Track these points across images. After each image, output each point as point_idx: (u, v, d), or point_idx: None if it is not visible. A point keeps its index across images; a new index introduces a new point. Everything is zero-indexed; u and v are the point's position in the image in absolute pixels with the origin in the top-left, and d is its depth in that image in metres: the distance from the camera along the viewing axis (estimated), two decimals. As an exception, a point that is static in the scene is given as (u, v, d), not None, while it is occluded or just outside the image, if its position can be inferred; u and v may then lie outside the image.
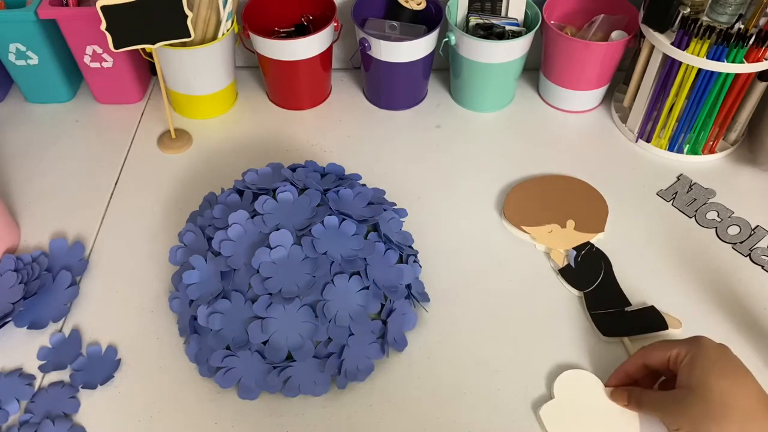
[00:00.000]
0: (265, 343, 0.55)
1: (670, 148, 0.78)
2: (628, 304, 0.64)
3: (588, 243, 0.68)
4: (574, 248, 0.68)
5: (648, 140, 0.79)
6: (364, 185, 0.65)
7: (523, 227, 0.69)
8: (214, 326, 0.56)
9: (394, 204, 0.66)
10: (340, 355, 0.56)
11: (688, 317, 0.63)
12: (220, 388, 0.57)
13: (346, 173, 0.67)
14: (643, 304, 0.64)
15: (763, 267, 0.67)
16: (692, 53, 0.68)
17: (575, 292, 0.65)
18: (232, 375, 0.56)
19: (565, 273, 0.66)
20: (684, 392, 0.49)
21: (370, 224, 0.61)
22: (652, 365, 0.54)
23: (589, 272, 0.66)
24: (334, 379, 0.57)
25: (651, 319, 0.62)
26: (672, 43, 0.69)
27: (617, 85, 0.86)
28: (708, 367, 0.49)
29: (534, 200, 0.72)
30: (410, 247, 0.64)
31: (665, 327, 0.61)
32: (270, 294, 0.55)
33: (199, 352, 0.59)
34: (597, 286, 0.65)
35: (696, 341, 0.52)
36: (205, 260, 0.59)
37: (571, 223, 0.69)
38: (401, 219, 0.65)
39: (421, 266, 0.64)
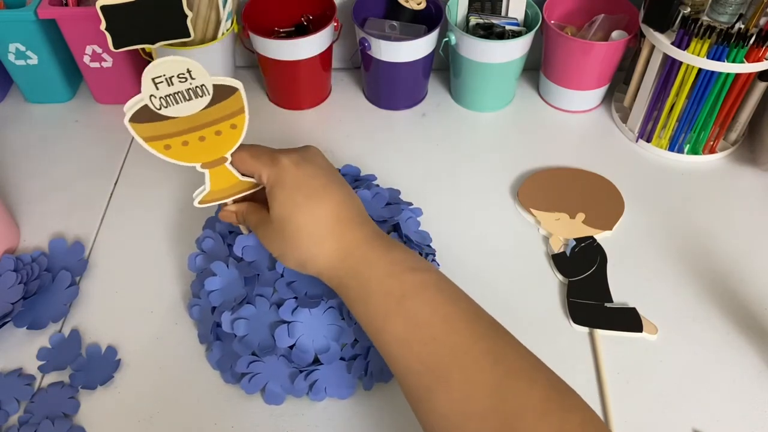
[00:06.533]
0: (291, 347, 0.55)
1: (671, 148, 0.78)
2: (610, 300, 0.64)
3: (590, 237, 0.69)
4: (575, 239, 0.68)
5: (648, 140, 0.79)
6: (379, 186, 0.65)
7: (532, 209, 0.70)
8: (239, 332, 0.56)
9: (411, 203, 0.66)
10: (366, 356, 0.56)
11: (688, 318, 0.63)
12: (229, 389, 0.57)
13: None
14: (624, 304, 0.64)
15: (763, 267, 0.67)
16: (692, 53, 0.68)
17: (561, 278, 0.66)
18: (257, 381, 0.56)
19: (557, 259, 0.67)
20: (269, 222, 0.51)
21: (390, 225, 0.61)
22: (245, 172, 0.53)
23: (581, 263, 0.66)
24: (360, 381, 0.57)
25: (628, 319, 0.62)
26: (672, 43, 0.69)
27: (617, 85, 0.85)
28: (285, 199, 0.49)
29: (552, 189, 0.73)
30: (428, 246, 0.64)
31: (640, 330, 0.61)
32: (295, 298, 0.55)
33: (222, 359, 0.58)
34: (584, 278, 0.65)
35: (275, 164, 0.50)
36: (227, 266, 0.59)
37: (580, 216, 0.70)
38: (417, 218, 0.65)
39: (439, 264, 0.64)
